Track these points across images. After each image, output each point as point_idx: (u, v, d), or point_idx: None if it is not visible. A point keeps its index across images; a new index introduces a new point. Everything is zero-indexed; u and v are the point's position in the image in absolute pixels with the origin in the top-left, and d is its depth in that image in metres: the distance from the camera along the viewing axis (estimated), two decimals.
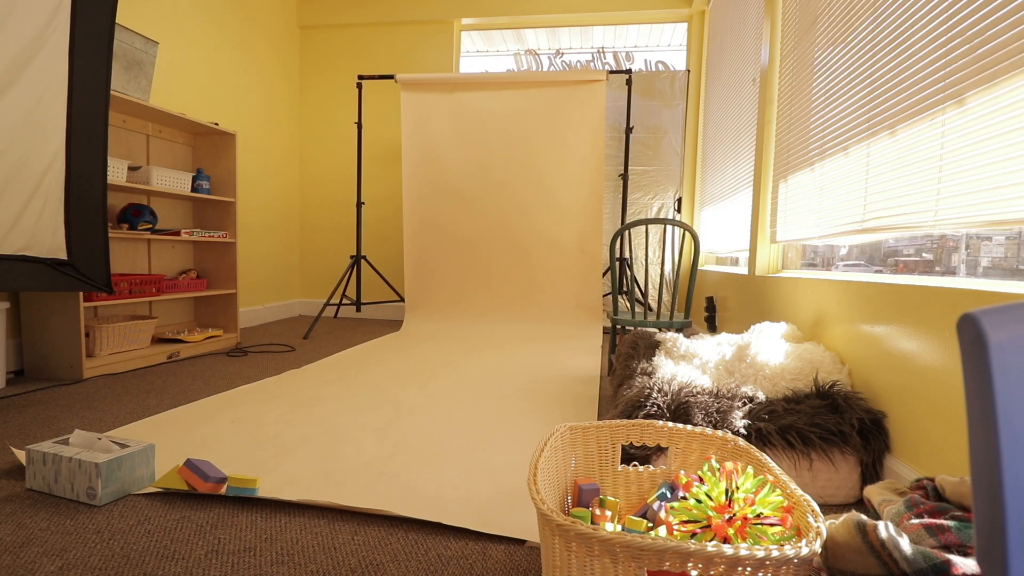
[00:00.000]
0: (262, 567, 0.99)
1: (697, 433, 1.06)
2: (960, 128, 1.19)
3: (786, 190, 2.28)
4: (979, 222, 1.15)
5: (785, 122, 2.31)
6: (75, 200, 2.09)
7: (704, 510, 0.81)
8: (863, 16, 1.66)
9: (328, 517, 1.18)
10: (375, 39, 4.54)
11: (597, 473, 1.10)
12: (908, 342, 1.28)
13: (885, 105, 1.50)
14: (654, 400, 1.41)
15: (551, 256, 4.04)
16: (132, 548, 1.04)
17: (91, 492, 1.20)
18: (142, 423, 1.75)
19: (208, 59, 3.53)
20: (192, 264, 3.31)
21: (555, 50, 4.80)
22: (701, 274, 3.98)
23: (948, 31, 1.23)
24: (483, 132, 4.05)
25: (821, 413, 1.36)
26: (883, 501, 0.97)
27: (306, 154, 4.66)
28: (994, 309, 0.35)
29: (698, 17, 4.31)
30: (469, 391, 2.22)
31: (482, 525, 1.14)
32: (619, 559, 0.69)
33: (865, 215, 1.60)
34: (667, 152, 4.23)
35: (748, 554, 0.64)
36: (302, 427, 1.72)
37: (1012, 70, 1.04)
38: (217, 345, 3.08)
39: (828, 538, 0.74)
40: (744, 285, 2.73)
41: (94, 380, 2.31)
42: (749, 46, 2.96)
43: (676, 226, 2.39)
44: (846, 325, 1.62)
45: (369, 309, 4.49)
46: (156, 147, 3.03)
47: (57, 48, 1.95)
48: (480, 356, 2.91)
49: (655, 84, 4.20)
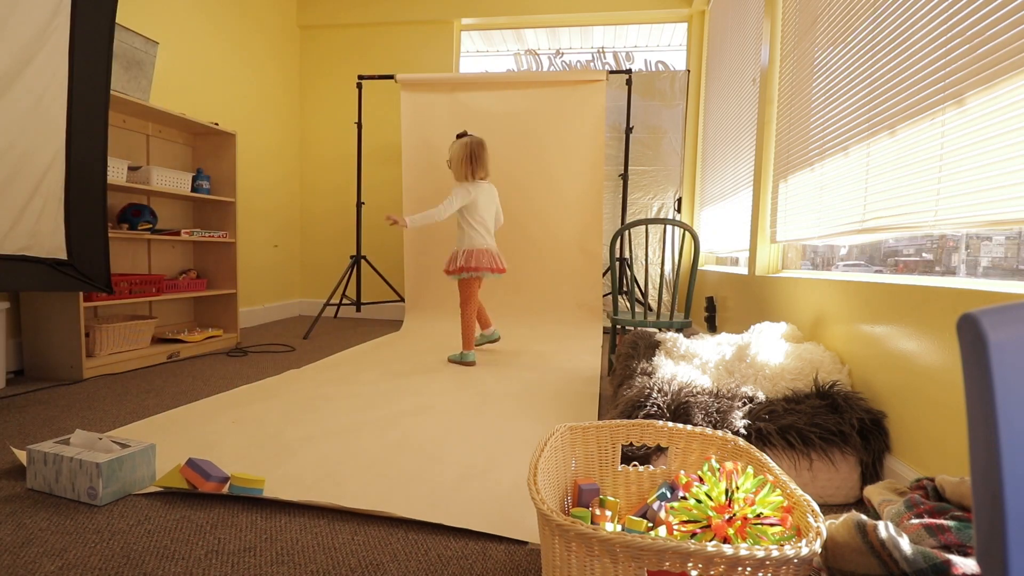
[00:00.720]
0: (262, 567, 0.99)
1: (697, 433, 1.06)
2: (960, 128, 1.19)
3: (786, 190, 2.28)
4: (979, 222, 1.15)
5: (785, 122, 2.31)
6: (75, 200, 2.08)
7: (704, 510, 0.81)
8: (863, 16, 1.66)
9: (328, 517, 1.18)
10: (375, 39, 4.53)
11: (597, 473, 1.10)
12: (908, 342, 1.28)
13: (885, 105, 1.50)
14: (654, 400, 1.42)
15: (551, 256, 4.04)
16: (132, 548, 1.04)
17: (92, 492, 1.21)
18: (143, 423, 1.75)
19: (208, 59, 3.53)
20: (192, 264, 3.31)
21: (555, 50, 4.80)
22: (701, 274, 3.98)
23: (948, 31, 1.23)
24: (483, 132, 4.03)
25: (821, 413, 1.36)
26: (883, 501, 0.97)
27: (306, 154, 4.66)
28: (994, 309, 0.35)
29: (698, 17, 4.31)
30: (469, 391, 2.22)
31: (482, 525, 1.14)
32: (619, 559, 0.69)
33: (865, 215, 1.60)
34: (667, 152, 4.23)
35: (748, 554, 0.64)
36: (302, 427, 1.72)
37: (1012, 70, 1.04)
38: (217, 345, 3.08)
39: (828, 538, 0.74)
40: (744, 285, 2.73)
41: (94, 380, 2.31)
42: (749, 46, 2.96)
43: (676, 226, 2.39)
44: (846, 325, 1.62)
45: (369, 309, 4.49)
46: (156, 147, 3.03)
47: (57, 48, 1.95)
48: (480, 355, 2.91)
49: (655, 84, 4.20)
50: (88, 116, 2.09)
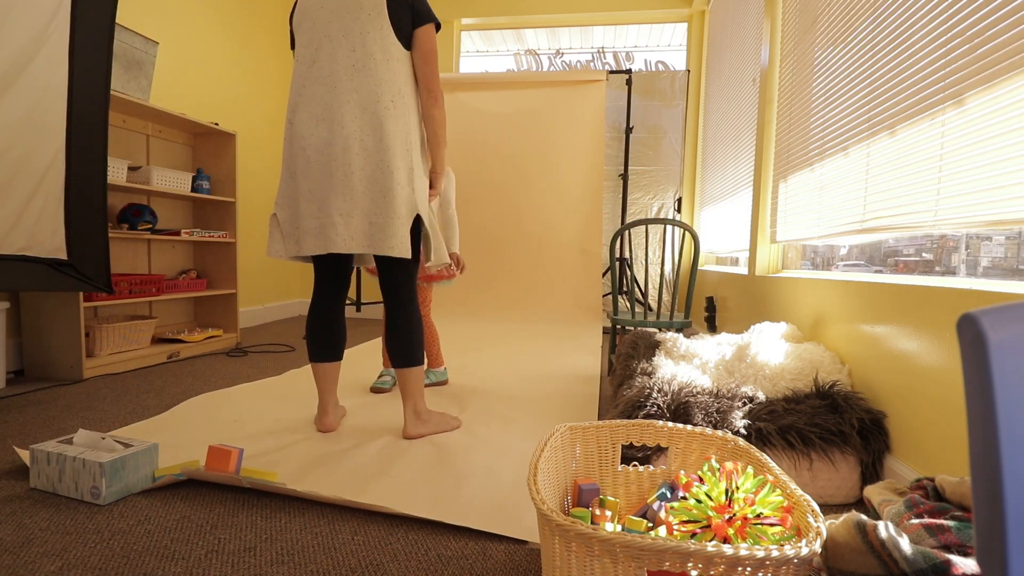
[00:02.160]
0: (262, 567, 0.99)
1: (697, 433, 1.06)
2: (960, 128, 1.19)
3: (786, 190, 2.28)
4: (979, 222, 1.15)
5: (785, 122, 2.31)
6: (75, 200, 2.08)
7: (704, 510, 0.81)
8: (863, 16, 1.66)
9: (328, 517, 1.18)
10: None
11: (597, 473, 1.10)
12: (908, 342, 1.28)
13: (885, 105, 1.50)
14: (654, 400, 1.42)
15: (551, 256, 4.04)
16: (132, 548, 1.04)
17: (95, 491, 1.21)
18: (143, 423, 1.75)
19: (208, 59, 3.53)
20: (192, 264, 3.31)
21: (555, 50, 4.80)
22: (701, 274, 3.98)
23: (948, 31, 1.24)
24: (483, 132, 4.05)
25: (821, 413, 1.36)
26: (883, 501, 0.97)
27: None
28: (994, 309, 0.35)
29: (698, 17, 4.31)
30: (469, 391, 2.22)
31: (482, 525, 1.14)
32: (619, 559, 0.69)
33: (865, 215, 1.60)
34: (667, 152, 4.23)
35: (748, 554, 0.64)
36: (302, 427, 1.72)
37: (1012, 70, 1.04)
38: (217, 345, 3.08)
39: (828, 538, 0.74)
40: (744, 285, 2.73)
41: (94, 380, 2.31)
42: (749, 46, 2.96)
43: (676, 226, 2.39)
44: (846, 325, 1.62)
45: (369, 309, 4.49)
46: (156, 147, 3.02)
47: (57, 48, 1.95)
48: (480, 356, 2.91)
49: (655, 84, 4.20)
50: (88, 116, 2.09)
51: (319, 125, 1.53)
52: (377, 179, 1.53)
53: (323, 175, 1.54)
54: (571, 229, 4.03)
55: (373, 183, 1.53)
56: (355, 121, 1.53)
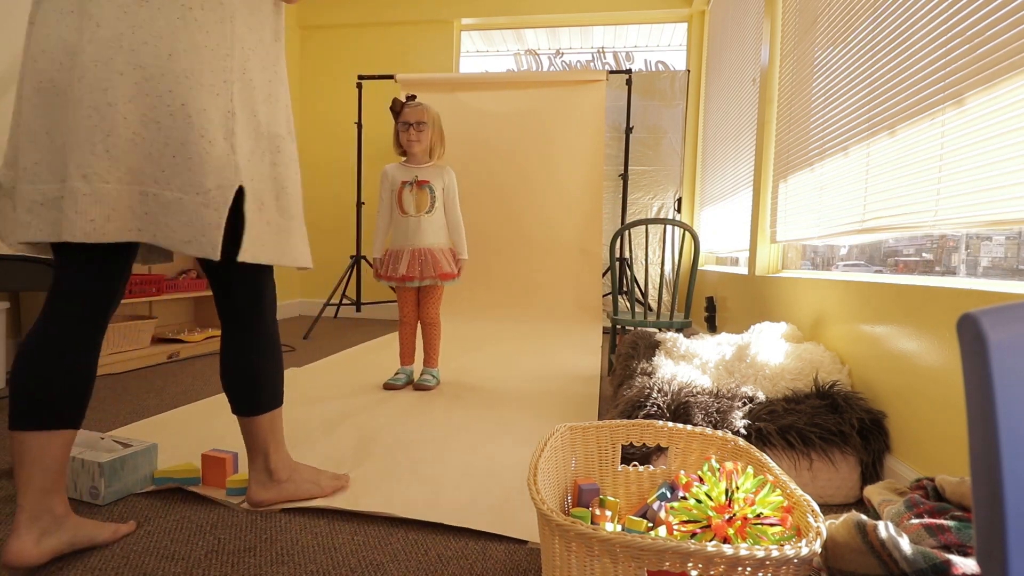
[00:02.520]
0: (262, 567, 0.99)
1: (697, 433, 1.06)
2: (960, 128, 1.19)
3: (786, 190, 2.28)
4: (979, 222, 1.15)
5: (785, 122, 2.31)
6: None
7: (704, 510, 0.81)
8: (863, 16, 1.66)
9: (328, 517, 1.18)
10: (375, 39, 4.53)
11: (597, 473, 1.10)
12: (908, 342, 1.28)
13: (885, 105, 1.50)
14: (654, 400, 1.42)
15: (551, 256, 4.04)
16: (132, 548, 1.04)
17: (94, 491, 1.21)
18: (143, 423, 1.75)
19: None
20: (192, 264, 3.30)
21: (555, 50, 4.80)
22: (701, 274, 3.98)
23: (948, 31, 1.23)
24: (483, 132, 4.05)
25: (821, 413, 1.36)
26: (883, 501, 0.97)
27: (306, 154, 4.66)
28: (994, 309, 0.35)
29: (698, 17, 4.31)
30: (469, 391, 2.22)
31: (482, 525, 1.14)
32: (619, 559, 0.69)
33: (865, 215, 1.60)
34: (667, 152, 4.23)
35: (748, 554, 0.64)
36: (302, 427, 1.72)
37: (1012, 70, 1.04)
38: (217, 345, 3.07)
39: (828, 538, 0.74)
40: (744, 285, 2.73)
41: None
42: (749, 46, 2.96)
43: (676, 226, 2.39)
44: (846, 325, 1.62)
45: (369, 309, 4.49)
46: None
47: None
48: (480, 356, 2.91)
49: (655, 84, 4.20)
50: None
51: (64, 20, 0.94)
52: (161, 121, 0.94)
53: (59, 107, 0.93)
54: (571, 229, 4.03)
55: (153, 127, 0.94)
56: (125, 16, 0.92)
